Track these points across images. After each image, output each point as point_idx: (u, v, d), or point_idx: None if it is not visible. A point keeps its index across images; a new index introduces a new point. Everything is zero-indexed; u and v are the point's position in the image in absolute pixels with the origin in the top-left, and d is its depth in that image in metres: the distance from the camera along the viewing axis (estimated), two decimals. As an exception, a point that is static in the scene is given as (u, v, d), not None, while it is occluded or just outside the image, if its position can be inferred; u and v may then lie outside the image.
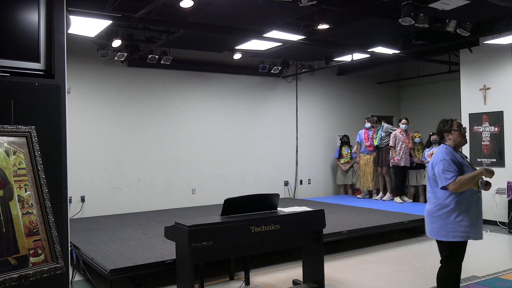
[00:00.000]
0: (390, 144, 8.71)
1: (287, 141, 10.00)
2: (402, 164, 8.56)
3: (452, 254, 3.56)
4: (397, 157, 8.53)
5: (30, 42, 3.15)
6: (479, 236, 3.57)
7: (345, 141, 10.03)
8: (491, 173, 3.45)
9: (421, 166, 8.77)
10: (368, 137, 9.25)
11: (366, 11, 5.92)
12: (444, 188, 3.48)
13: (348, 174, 9.94)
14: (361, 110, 10.90)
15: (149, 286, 4.78)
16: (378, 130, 9.03)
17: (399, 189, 8.74)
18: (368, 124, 9.25)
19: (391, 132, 8.88)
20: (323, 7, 5.50)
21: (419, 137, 8.95)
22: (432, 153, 8.44)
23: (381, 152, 8.99)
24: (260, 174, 9.56)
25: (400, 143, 8.60)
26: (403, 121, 8.77)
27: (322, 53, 8.85)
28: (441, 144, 3.71)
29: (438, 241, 3.62)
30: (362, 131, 9.42)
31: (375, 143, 9.01)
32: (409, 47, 7.78)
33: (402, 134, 8.65)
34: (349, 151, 9.91)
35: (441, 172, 3.48)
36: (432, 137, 8.58)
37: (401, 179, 8.72)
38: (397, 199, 8.63)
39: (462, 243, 3.54)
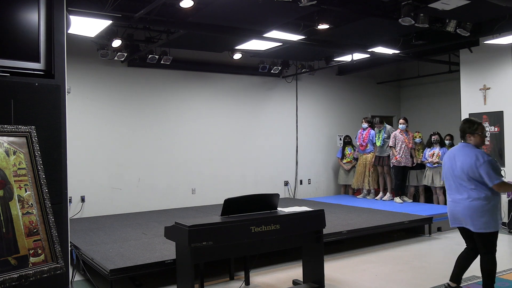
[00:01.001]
0: (389, 145, 8.71)
1: (287, 141, 10.00)
2: (403, 164, 8.56)
3: (495, 243, 3.94)
4: (399, 155, 8.52)
5: (30, 42, 3.15)
6: None
7: (347, 141, 10.03)
8: None
9: (422, 166, 8.76)
10: (361, 137, 9.27)
11: (366, 11, 5.92)
12: (496, 184, 3.75)
13: (350, 174, 9.94)
14: (361, 110, 10.89)
15: (149, 286, 4.78)
16: (381, 130, 9.02)
17: (399, 189, 8.73)
18: (365, 124, 9.26)
19: (392, 133, 8.90)
20: (323, 7, 5.50)
21: (420, 137, 8.94)
22: (433, 153, 8.45)
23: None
24: (260, 174, 9.55)
25: (400, 143, 8.59)
26: (401, 121, 8.76)
27: (322, 53, 8.84)
28: (466, 143, 3.98)
29: (484, 234, 3.88)
30: (359, 132, 9.47)
31: (378, 144, 9.00)
32: (409, 47, 7.78)
33: (401, 134, 8.65)
34: (352, 151, 9.92)
35: (492, 170, 3.77)
36: (433, 137, 8.57)
37: (401, 179, 8.71)
38: (397, 199, 8.63)
39: None
